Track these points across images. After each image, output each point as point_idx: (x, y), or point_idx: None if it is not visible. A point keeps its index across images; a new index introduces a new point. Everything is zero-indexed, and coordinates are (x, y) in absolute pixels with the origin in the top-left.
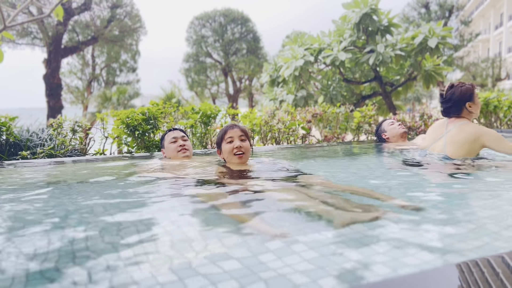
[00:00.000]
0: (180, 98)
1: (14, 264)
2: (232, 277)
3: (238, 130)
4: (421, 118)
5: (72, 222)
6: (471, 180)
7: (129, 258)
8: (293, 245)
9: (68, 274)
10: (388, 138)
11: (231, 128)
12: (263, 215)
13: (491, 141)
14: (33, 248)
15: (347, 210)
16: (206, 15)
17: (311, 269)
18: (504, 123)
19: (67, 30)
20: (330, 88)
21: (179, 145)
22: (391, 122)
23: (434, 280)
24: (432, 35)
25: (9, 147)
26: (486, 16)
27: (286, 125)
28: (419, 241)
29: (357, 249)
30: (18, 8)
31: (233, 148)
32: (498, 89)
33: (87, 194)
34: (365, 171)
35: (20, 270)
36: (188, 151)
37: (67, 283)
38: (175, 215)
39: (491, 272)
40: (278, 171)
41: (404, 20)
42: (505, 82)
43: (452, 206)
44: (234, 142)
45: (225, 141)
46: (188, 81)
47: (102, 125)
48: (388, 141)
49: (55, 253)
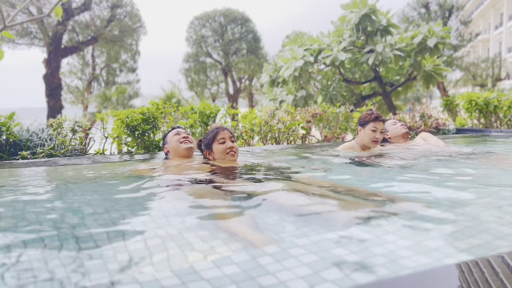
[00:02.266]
0: (180, 98)
1: (14, 264)
2: (232, 281)
3: (228, 132)
4: (421, 118)
5: (71, 223)
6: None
7: (129, 258)
8: (290, 248)
9: (68, 275)
10: (390, 138)
11: (221, 130)
12: (259, 218)
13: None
14: (33, 248)
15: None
16: (206, 15)
17: (309, 272)
18: (504, 123)
19: (67, 30)
20: (330, 88)
21: (183, 137)
22: (394, 122)
23: (434, 280)
24: (431, 35)
25: (9, 147)
26: (486, 16)
27: (286, 125)
28: (418, 241)
29: (356, 249)
30: (18, 8)
31: (226, 148)
32: (498, 89)
33: (87, 194)
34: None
35: (20, 269)
36: (191, 144)
37: (67, 284)
38: (173, 216)
39: (491, 272)
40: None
41: (404, 20)
42: (505, 82)
43: (452, 205)
44: (227, 142)
45: (217, 142)
46: (188, 81)
47: (102, 125)
48: (389, 141)
49: (55, 253)
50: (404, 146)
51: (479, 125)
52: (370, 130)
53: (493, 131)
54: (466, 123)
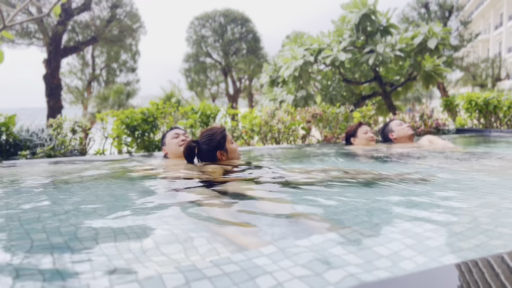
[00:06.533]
0: (180, 98)
1: (13, 263)
2: (232, 280)
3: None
4: (421, 118)
5: (71, 223)
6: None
7: (129, 258)
8: (288, 248)
9: (67, 275)
10: (396, 139)
11: (225, 131)
12: (258, 219)
13: None
14: (33, 248)
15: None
16: (206, 15)
17: (307, 273)
18: (504, 123)
19: (67, 30)
20: (330, 88)
21: (181, 140)
22: (400, 123)
23: (434, 280)
24: (431, 36)
25: (9, 147)
26: (486, 16)
27: (286, 125)
28: (418, 241)
29: (355, 249)
30: (18, 8)
31: (237, 148)
32: (498, 89)
33: (87, 194)
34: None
35: (20, 270)
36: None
37: (66, 284)
38: (174, 216)
39: (491, 272)
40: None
41: (404, 20)
42: (505, 82)
43: (452, 205)
44: (234, 143)
45: (229, 142)
46: (188, 81)
47: (102, 125)
48: (394, 141)
49: (54, 253)
50: (411, 146)
51: (479, 125)
52: (362, 134)
53: (493, 131)
54: (466, 123)
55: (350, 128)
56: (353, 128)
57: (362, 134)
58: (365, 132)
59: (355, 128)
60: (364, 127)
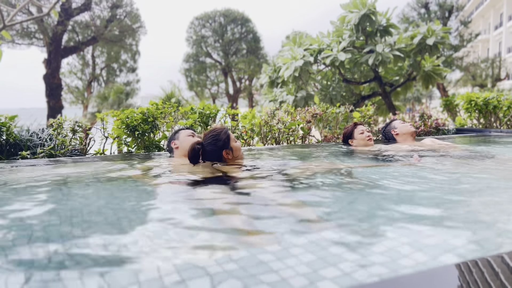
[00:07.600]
0: (180, 98)
1: (13, 264)
2: (234, 277)
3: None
4: (420, 118)
5: (72, 223)
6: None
7: (129, 258)
8: (290, 247)
9: (67, 275)
10: (398, 135)
11: (229, 131)
12: (263, 218)
13: None
14: (32, 248)
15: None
16: (206, 15)
17: (308, 271)
18: (504, 123)
19: (67, 30)
20: (329, 89)
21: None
22: (402, 121)
23: (434, 280)
24: (430, 35)
25: (9, 147)
26: (486, 16)
27: (286, 125)
28: (418, 241)
29: (355, 249)
30: (18, 7)
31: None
32: (498, 89)
33: (87, 194)
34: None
35: (19, 270)
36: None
37: (66, 285)
38: (178, 214)
39: (491, 272)
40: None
41: (404, 20)
42: (504, 82)
43: (452, 204)
44: (238, 141)
45: (233, 141)
46: (188, 81)
47: (102, 125)
48: (397, 138)
49: (54, 253)
50: (412, 144)
51: (478, 125)
52: (359, 134)
53: (493, 131)
54: (465, 123)
55: (346, 130)
56: (349, 130)
57: (358, 134)
58: (361, 132)
59: (351, 129)
60: (360, 127)
